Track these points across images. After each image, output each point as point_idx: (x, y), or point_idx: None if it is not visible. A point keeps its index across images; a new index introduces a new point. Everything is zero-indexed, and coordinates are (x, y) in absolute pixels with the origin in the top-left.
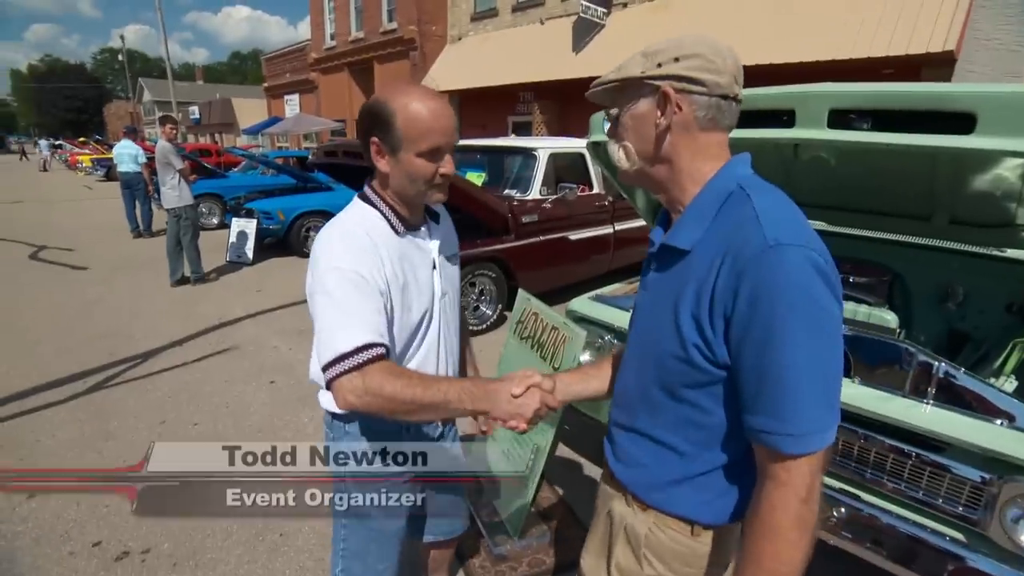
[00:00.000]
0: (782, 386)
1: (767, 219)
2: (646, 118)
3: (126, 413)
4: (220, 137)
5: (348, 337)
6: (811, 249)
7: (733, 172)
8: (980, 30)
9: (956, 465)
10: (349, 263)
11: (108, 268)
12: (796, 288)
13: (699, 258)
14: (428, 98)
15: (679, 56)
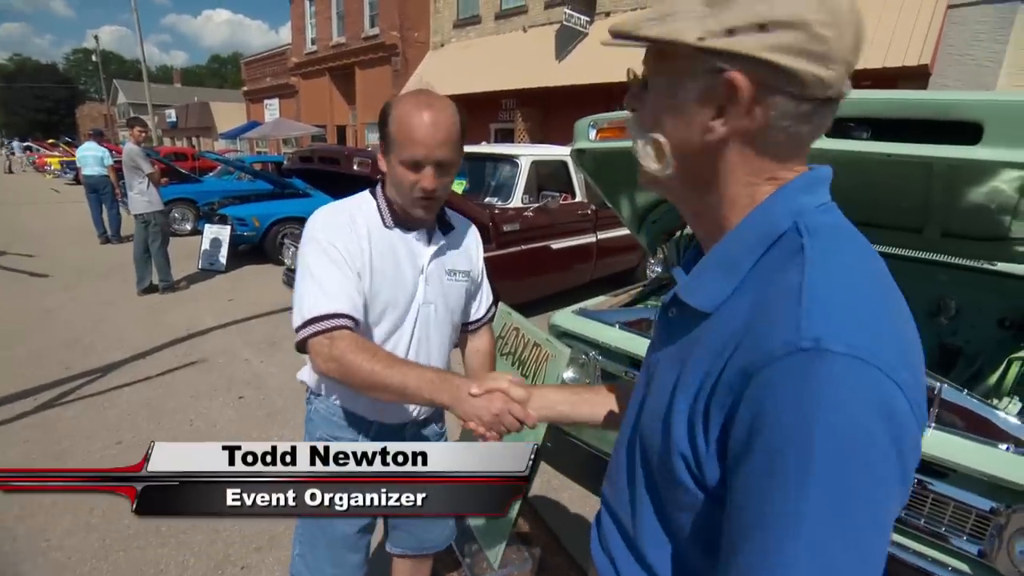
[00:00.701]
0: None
1: (814, 297)
2: (692, 113)
3: (78, 433)
4: (197, 141)
5: (318, 304)
6: (876, 367)
7: (790, 202)
8: (952, 46)
9: (961, 493)
10: (326, 235)
11: (71, 275)
12: (829, 440)
13: (721, 329)
14: (424, 108)
15: (766, 21)
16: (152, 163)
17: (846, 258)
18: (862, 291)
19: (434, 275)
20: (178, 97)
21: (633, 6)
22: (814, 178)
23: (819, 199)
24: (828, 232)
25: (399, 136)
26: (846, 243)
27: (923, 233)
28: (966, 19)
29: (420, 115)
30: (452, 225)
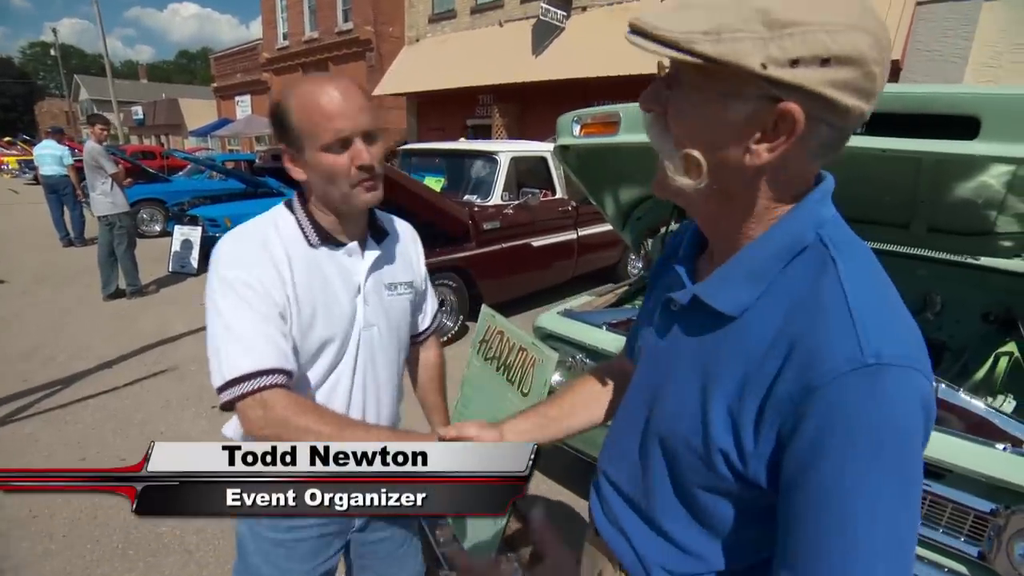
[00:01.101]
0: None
1: (863, 312)
2: (735, 134)
3: (37, 451)
4: (166, 139)
5: (239, 362)
6: (920, 371)
7: (812, 215)
8: (921, 42)
9: (958, 494)
10: (237, 272)
11: (30, 280)
12: (895, 437)
13: (750, 333)
14: (325, 84)
15: (830, 56)
16: (116, 162)
17: (870, 272)
18: (891, 303)
19: (373, 293)
20: (145, 93)
21: (609, 0)
22: (826, 190)
23: (831, 210)
24: (848, 246)
25: (310, 123)
26: (864, 256)
27: (910, 228)
28: (934, 16)
29: (326, 91)
30: (386, 231)
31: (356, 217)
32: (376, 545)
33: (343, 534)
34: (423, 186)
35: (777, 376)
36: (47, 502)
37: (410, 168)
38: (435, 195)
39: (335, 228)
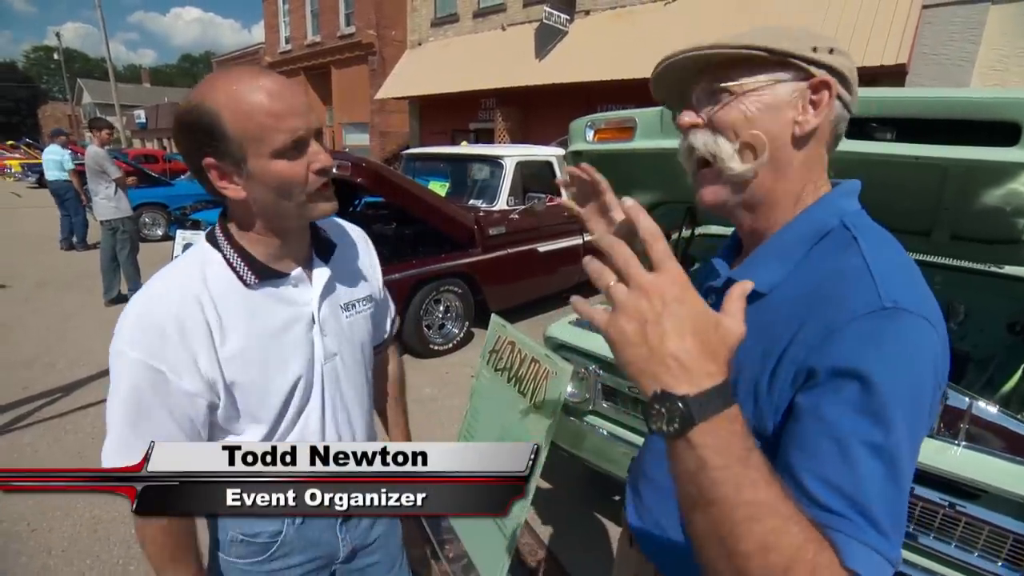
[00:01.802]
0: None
1: (883, 273)
2: (783, 108)
3: (35, 462)
4: (168, 143)
5: (118, 454)
6: (935, 328)
7: (836, 204)
8: (927, 45)
9: (995, 516)
10: (139, 351)
11: (32, 286)
12: (908, 372)
13: (775, 308)
14: (257, 76)
15: (835, 48)
16: (119, 166)
17: (891, 249)
18: (911, 272)
19: (330, 319)
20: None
21: (613, 4)
22: (850, 188)
23: (855, 205)
24: (870, 229)
25: (254, 127)
26: (886, 239)
27: (931, 236)
28: (939, 19)
29: (265, 87)
30: (333, 243)
31: (300, 233)
32: (365, 571)
33: (327, 567)
34: (428, 191)
35: (795, 335)
36: (46, 516)
37: (414, 172)
38: (440, 200)
39: (274, 256)
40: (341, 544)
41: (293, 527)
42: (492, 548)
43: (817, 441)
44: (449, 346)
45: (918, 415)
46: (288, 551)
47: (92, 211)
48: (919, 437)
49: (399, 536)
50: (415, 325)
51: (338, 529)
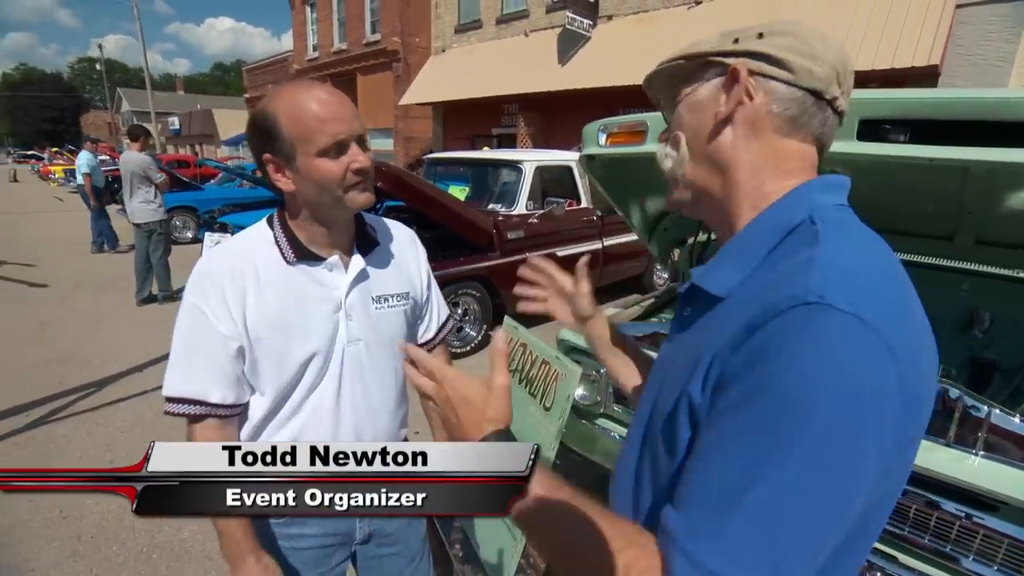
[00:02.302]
0: (724, 500)
1: (825, 265)
2: (706, 106)
3: (70, 452)
4: (200, 148)
5: (178, 385)
6: (875, 331)
7: (807, 197)
8: (962, 45)
9: (1014, 528)
10: (194, 294)
11: (69, 286)
12: (827, 374)
13: (733, 310)
14: (314, 89)
15: (764, 32)
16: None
17: (856, 240)
18: (869, 264)
19: (358, 307)
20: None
21: (636, 9)
22: (833, 182)
23: (836, 200)
24: (842, 224)
25: (303, 130)
26: (857, 231)
27: (954, 241)
28: (975, 19)
29: (317, 97)
30: (376, 240)
31: (344, 225)
32: (383, 560)
33: (346, 546)
34: (447, 195)
35: (735, 338)
36: (78, 504)
37: (435, 177)
38: (459, 204)
39: (317, 241)
40: (357, 524)
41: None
42: (501, 549)
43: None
44: (467, 349)
45: (837, 422)
46: (304, 519)
47: (126, 215)
48: (840, 450)
49: (421, 533)
50: None
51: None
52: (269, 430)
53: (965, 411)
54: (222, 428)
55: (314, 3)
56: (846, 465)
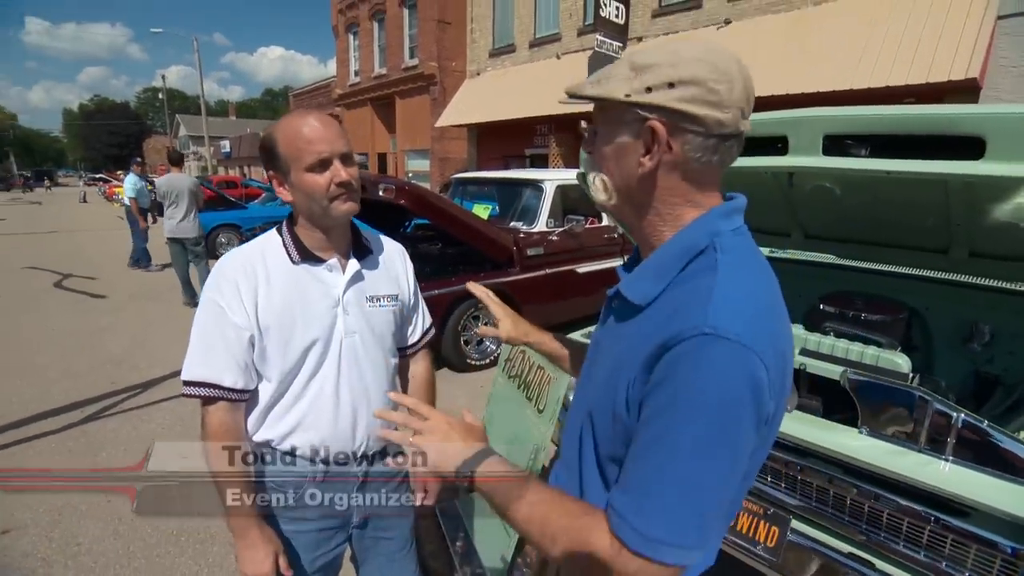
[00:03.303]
0: (652, 482)
1: (720, 298)
2: (628, 152)
3: (116, 444)
4: (248, 169)
5: (196, 369)
6: (754, 353)
7: (711, 226)
8: (1005, 57)
9: (982, 532)
10: (211, 290)
11: (125, 297)
12: (712, 391)
13: (650, 319)
14: (304, 115)
15: (674, 81)
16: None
17: (747, 272)
18: (754, 297)
19: (353, 304)
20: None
21: (665, 30)
22: (732, 207)
23: (734, 224)
24: (736, 251)
25: (294, 149)
26: (749, 260)
27: (949, 254)
28: (1019, 29)
29: (307, 122)
30: (369, 248)
31: (339, 232)
32: (377, 542)
33: (344, 529)
34: (469, 213)
35: (651, 348)
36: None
37: (464, 196)
38: (480, 222)
39: (318, 245)
40: (355, 510)
41: (313, 485)
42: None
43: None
44: (486, 362)
45: (720, 425)
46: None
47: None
48: (724, 443)
49: (411, 522)
50: (453, 340)
51: (351, 494)
52: (275, 413)
53: (935, 416)
54: (232, 411)
55: (356, 31)
56: (726, 452)
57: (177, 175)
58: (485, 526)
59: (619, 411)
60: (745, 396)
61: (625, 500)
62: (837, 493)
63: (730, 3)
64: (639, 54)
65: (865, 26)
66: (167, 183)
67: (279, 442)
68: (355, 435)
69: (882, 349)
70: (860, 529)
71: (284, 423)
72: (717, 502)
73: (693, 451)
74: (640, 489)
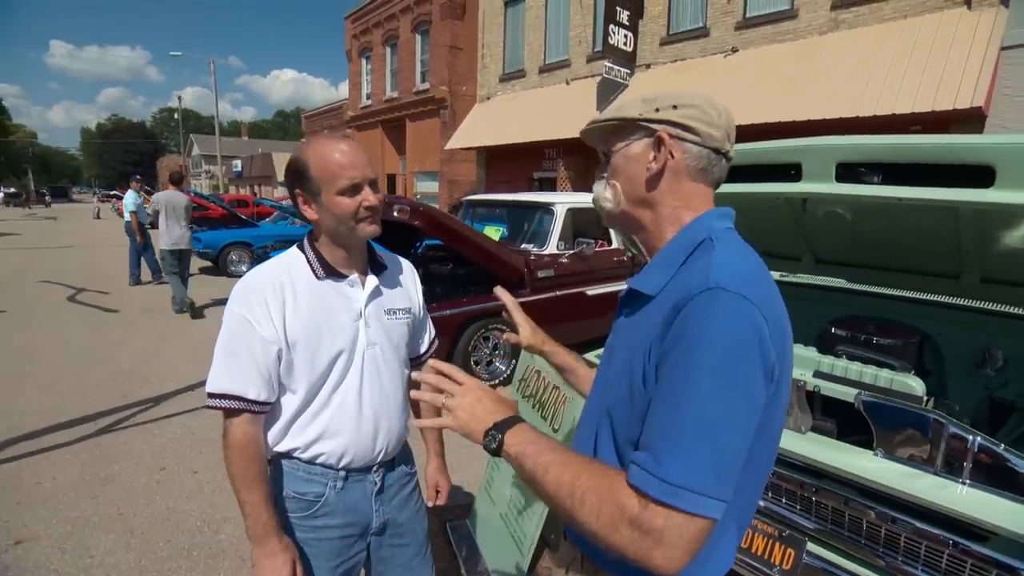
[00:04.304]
0: (670, 429)
1: (719, 264)
2: (638, 160)
3: (129, 457)
4: (259, 189)
5: (221, 381)
6: (752, 304)
7: (708, 223)
8: (1009, 86)
9: (1000, 557)
10: (238, 305)
11: (137, 311)
12: (721, 336)
13: (659, 306)
14: (336, 141)
15: (677, 104)
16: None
17: (738, 251)
18: (748, 265)
19: (373, 316)
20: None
21: (673, 57)
22: (723, 212)
23: (725, 225)
24: (730, 239)
25: (326, 173)
26: (740, 246)
27: (960, 279)
28: (1022, 60)
29: (339, 147)
30: (384, 265)
31: (359, 250)
32: (395, 550)
33: (364, 537)
34: (480, 234)
35: (666, 320)
36: (132, 503)
37: (473, 218)
38: (491, 243)
39: (340, 262)
40: (375, 514)
41: (334, 491)
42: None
43: (657, 406)
44: (496, 382)
45: (732, 368)
46: (329, 511)
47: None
48: (737, 386)
49: (424, 526)
50: (464, 359)
51: (372, 500)
52: (300, 423)
53: (951, 439)
54: (254, 422)
55: (369, 55)
56: (740, 394)
57: (175, 192)
58: (496, 543)
59: (636, 386)
60: (750, 337)
61: (644, 453)
62: (852, 515)
63: (737, 32)
64: (648, 93)
65: (871, 55)
66: (167, 199)
67: (303, 450)
68: (376, 441)
69: (896, 372)
70: (877, 552)
71: (309, 432)
72: (732, 448)
73: (705, 393)
74: (658, 437)
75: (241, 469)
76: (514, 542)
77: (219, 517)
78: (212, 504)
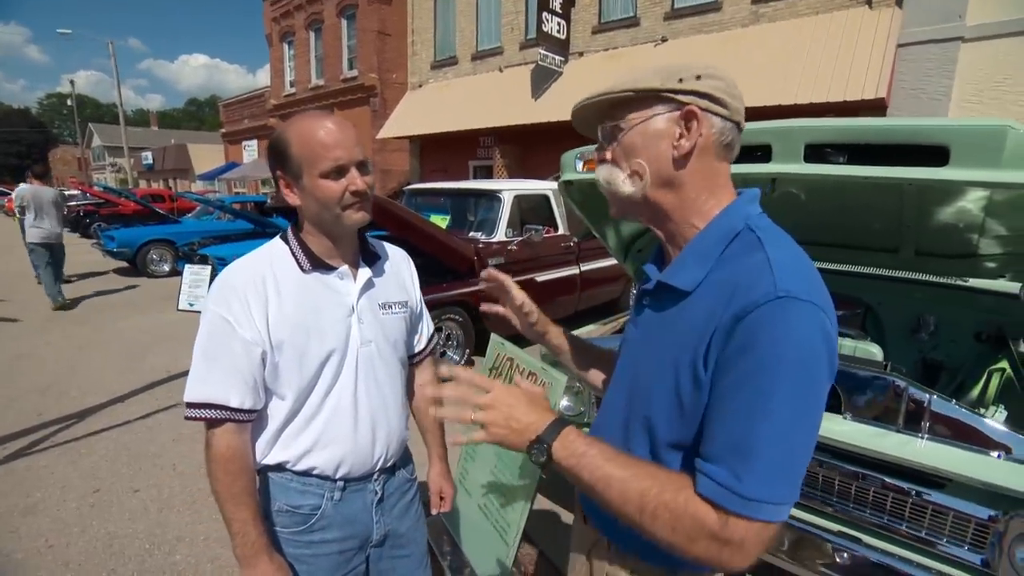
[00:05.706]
0: (749, 446)
1: (779, 266)
2: (662, 137)
3: (52, 483)
4: (174, 182)
5: (195, 385)
6: (822, 310)
7: (742, 210)
8: (905, 81)
9: (958, 503)
10: (216, 303)
11: (43, 318)
12: (795, 348)
13: (700, 302)
14: (321, 118)
15: (701, 74)
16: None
17: (788, 246)
18: (804, 265)
19: (367, 311)
20: (155, 140)
21: (605, 46)
22: (751, 196)
23: (757, 210)
24: (771, 230)
25: (309, 153)
26: (785, 238)
27: (899, 253)
28: (915, 57)
29: (324, 125)
30: (377, 254)
31: (348, 239)
32: (395, 561)
33: (363, 549)
34: (429, 223)
35: (719, 322)
36: (64, 533)
37: (415, 207)
38: (441, 232)
39: (328, 253)
40: (375, 525)
41: (331, 503)
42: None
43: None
44: None
45: (807, 379)
46: (327, 524)
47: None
48: (811, 396)
49: (425, 535)
50: None
51: (373, 510)
52: (289, 433)
53: (909, 400)
54: (239, 432)
55: (292, 40)
56: (813, 404)
57: (41, 187)
58: (476, 536)
59: (685, 392)
60: (821, 349)
61: (718, 468)
62: (826, 476)
63: (666, 22)
64: (661, 64)
65: (789, 48)
66: (32, 193)
67: (295, 463)
68: (375, 448)
69: (857, 340)
70: (847, 508)
71: (301, 442)
72: (803, 454)
73: (782, 409)
74: (731, 452)
75: (226, 484)
76: (497, 533)
77: (171, 537)
78: (160, 524)
